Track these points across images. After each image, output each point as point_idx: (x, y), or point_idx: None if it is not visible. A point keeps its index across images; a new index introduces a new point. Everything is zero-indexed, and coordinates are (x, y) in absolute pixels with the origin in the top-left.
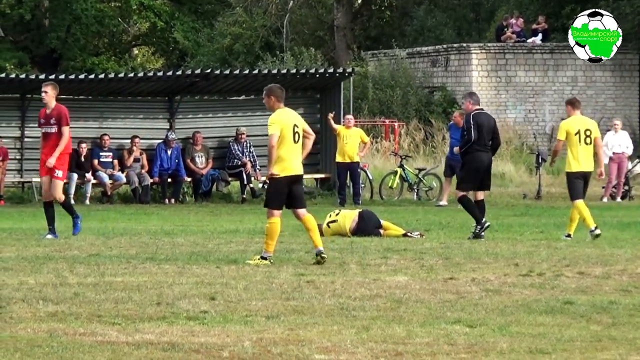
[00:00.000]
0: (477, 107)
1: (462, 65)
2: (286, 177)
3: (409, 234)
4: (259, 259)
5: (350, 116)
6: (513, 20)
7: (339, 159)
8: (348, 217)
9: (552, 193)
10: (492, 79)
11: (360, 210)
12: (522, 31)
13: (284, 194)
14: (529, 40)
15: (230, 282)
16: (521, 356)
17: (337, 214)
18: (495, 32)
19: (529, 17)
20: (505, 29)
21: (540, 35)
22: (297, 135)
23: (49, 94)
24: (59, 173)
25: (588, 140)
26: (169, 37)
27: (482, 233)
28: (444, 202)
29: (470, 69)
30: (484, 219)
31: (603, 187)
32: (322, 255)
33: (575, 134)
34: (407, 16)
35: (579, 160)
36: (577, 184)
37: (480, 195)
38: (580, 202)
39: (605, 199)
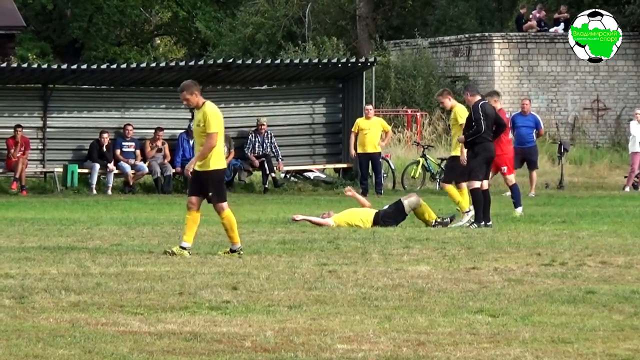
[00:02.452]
0: (478, 97)
1: (484, 54)
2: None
3: (437, 225)
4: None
5: (370, 106)
6: (536, 12)
7: (359, 149)
8: (366, 220)
9: (574, 182)
10: (514, 69)
11: (377, 211)
12: (544, 20)
13: None
14: (551, 30)
15: (252, 272)
16: (543, 346)
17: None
18: (515, 22)
19: (551, 7)
20: (524, 19)
21: (562, 25)
22: None
23: None
24: None
25: None
26: (191, 26)
27: (479, 225)
28: (532, 194)
29: (492, 58)
30: (487, 222)
31: (625, 177)
32: (240, 252)
33: None
34: (429, 5)
35: None
36: (459, 168)
37: (486, 184)
38: (450, 186)
39: (627, 189)
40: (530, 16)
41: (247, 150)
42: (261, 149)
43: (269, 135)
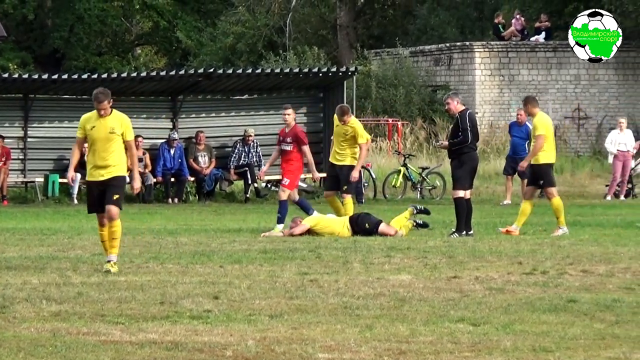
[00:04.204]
0: (463, 106)
1: (465, 63)
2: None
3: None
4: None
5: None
6: (515, 21)
7: None
8: (340, 226)
9: None
10: (495, 78)
11: (351, 216)
12: (526, 29)
13: None
14: (532, 39)
15: (233, 281)
16: (525, 354)
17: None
18: (493, 32)
19: (532, 16)
20: (500, 27)
21: (543, 34)
22: None
23: None
24: None
25: None
26: (172, 36)
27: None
28: (507, 202)
29: (473, 67)
30: (468, 231)
31: (607, 185)
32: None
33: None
34: (410, 15)
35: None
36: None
37: (469, 193)
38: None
39: (609, 197)
40: (500, 20)
41: (233, 159)
42: (246, 159)
43: (255, 145)
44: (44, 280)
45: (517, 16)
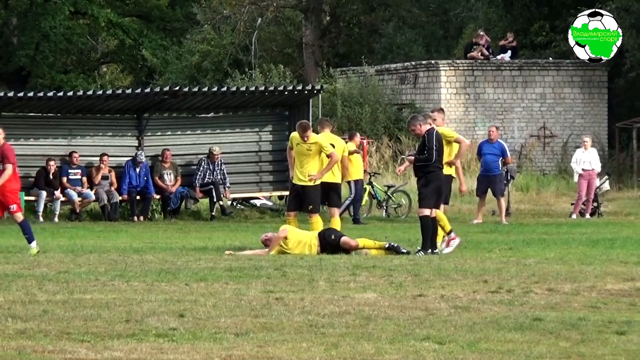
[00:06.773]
0: (428, 125)
1: (430, 82)
2: None
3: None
4: None
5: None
6: (481, 38)
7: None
8: (309, 237)
9: (521, 210)
10: (460, 96)
11: (319, 232)
12: (489, 47)
13: None
14: (498, 57)
15: (199, 299)
16: None
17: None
18: (463, 50)
19: (497, 34)
20: (475, 47)
21: (509, 52)
22: None
23: None
24: None
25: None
26: (138, 54)
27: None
28: (477, 221)
29: (439, 85)
30: (432, 250)
31: (572, 204)
32: None
33: None
34: (375, 33)
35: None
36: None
37: (434, 212)
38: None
39: (574, 216)
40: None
41: (199, 177)
42: (212, 177)
43: (220, 163)
44: (9, 298)
45: (481, 34)
